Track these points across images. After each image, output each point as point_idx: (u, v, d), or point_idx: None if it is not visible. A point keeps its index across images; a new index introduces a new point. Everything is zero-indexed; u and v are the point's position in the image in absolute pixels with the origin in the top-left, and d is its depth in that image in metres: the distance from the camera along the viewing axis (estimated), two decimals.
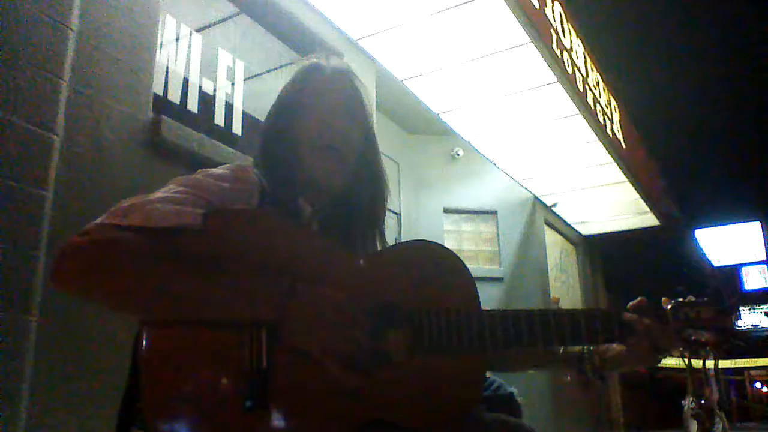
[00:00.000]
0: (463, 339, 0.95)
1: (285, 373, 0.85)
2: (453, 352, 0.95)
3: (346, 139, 1.07)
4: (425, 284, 0.98)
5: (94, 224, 0.86)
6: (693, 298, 1.01)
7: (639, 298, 1.03)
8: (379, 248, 1.13)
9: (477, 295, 1.00)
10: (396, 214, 5.85)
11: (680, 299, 1.02)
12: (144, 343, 0.82)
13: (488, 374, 1.17)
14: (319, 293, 0.88)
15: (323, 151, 1.05)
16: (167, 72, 2.69)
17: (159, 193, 0.91)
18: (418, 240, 1.05)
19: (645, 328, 0.98)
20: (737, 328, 1.01)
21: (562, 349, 1.12)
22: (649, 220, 7.91)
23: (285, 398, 0.84)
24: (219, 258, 0.88)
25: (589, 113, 5.27)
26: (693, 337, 0.99)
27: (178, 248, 0.86)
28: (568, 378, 1.09)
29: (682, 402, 4.84)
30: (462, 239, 6.53)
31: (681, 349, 1.02)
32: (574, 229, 7.99)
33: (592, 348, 1.09)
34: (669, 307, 1.02)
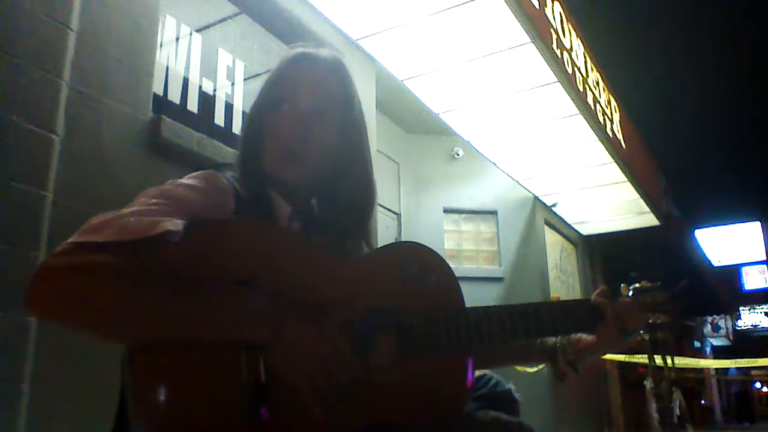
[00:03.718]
0: (450, 338, 0.96)
1: (282, 383, 0.84)
2: (440, 352, 0.96)
3: (309, 139, 1.02)
4: (410, 287, 0.98)
5: (68, 243, 0.80)
6: (648, 284, 1.08)
7: (600, 287, 1.09)
8: (365, 246, 1.11)
9: (461, 295, 1.02)
10: (396, 214, 5.85)
11: (637, 285, 1.09)
12: (131, 368, 0.79)
13: (485, 371, 1.18)
14: (308, 328, 0.86)
15: (279, 152, 1.02)
16: (167, 72, 2.69)
17: (131, 207, 0.85)
18: (401, 242, 1.06)
19: (613, 310, 1.04)
20: (689, 310, 1.08)
21: (538, 342, 1.16)
22: (649, 220, 7.92)
23: (285, 411, 0.84)
24: (201, 271, 0.84)
25: (589, 113, 5.27)
26: (650, 320, 1.07)
27: (159, 263, 0.81)
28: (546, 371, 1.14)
29: (644, 382, 5.00)
30: (462, 239, 6.53)
31: (641, 332, 1.09)
32: (574, 229, 7.99)
33: (564, 341, 1.14)
34: (629, 293, 1.09)
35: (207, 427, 0.80)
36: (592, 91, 5.49)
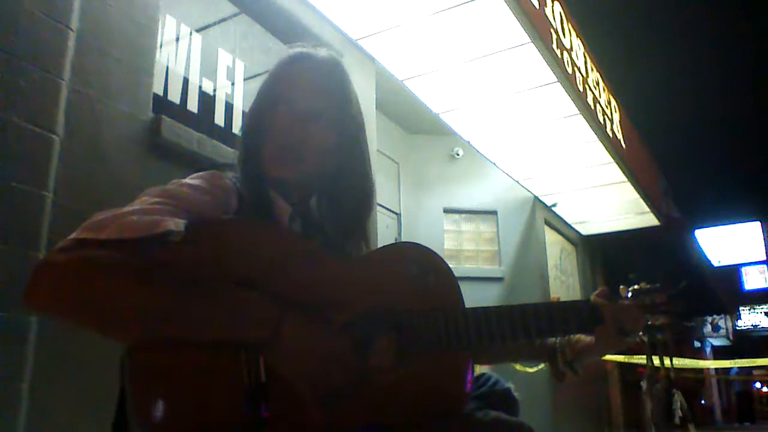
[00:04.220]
0: (450, 338, 0.96)
1: (282, 383, 0.84)
2: (440, 352, 0.97)
3: (306, 139, 1.03)
4: (410, 287, 0.99)
5: (69, 240, 0.80)
6: (647, 285, 1.08)
7: (600, 288, 1.08)
8: (365, 246, 1.12)
9: (461, 296, 1.03)
10: (396, 214, 5.85)
11: (636, 286, 1.08)
12: (128, 367, 0.79)
13: (484, 370, 1.19)
14: (307, 330, 0.87)
15: (277, 152, 1.03)
16: (167, 72, 2.69)
17: (134, 206, 0.85)
18: (401, 243, 1.07)
19: (611, 311, 1.03)
20: (688, 311, 1.08)
21: (538, 342, 1.17)
22: (649, 220, 7.92)
23: (285, 408, 0.84)
24: (201, 270, 0.85)
25: (589, 113, 5.27)
26: (650, 322, 1.06)
27: (158, 262, 0.81)
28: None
29: (641, 383, 4.99)
30: (462, 239, 6.53)
31: (641, 333, 1.08)
32: (574, 229, 7.99)
33: (563, 341, 1.14)
34: (629, 294, 1.08)
35: (205, 425, 0.80)
36: (592, 91, 5.49)
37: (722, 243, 21.78)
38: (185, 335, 0.81)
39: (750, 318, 21.90)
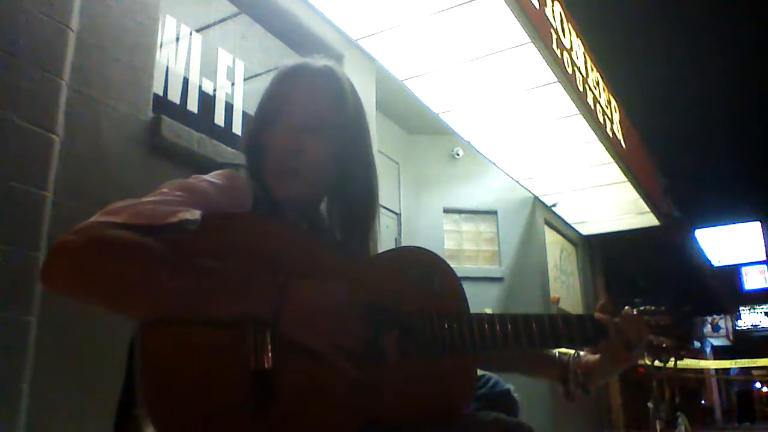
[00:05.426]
0: (454, 341, 0.97)
1: (289, 373, 0.84)
2: (442, 354, 0.97)
3: (303, 155, 1.04)
4: (414, 289, 1.00)
5: (86, 223, 0.83)
6: (652, 308, 1.08)
7: (601, 301, 1.09)
8: (370, 251, 1.13)
9: (465, 300, 1.04)
10: (396, 214, 5.85)
11: (641, 308, 1.09)
12: (140, 348, 0.80)
13: (485, 372, 1.19)
14: (315, 286, 0.88)
15: (276, 170, 1.04)
16: (167, 72, 2.69)
17: (151, 196, 0.89)
18: (406, 246, 1.08)
19: (615, 324, 1.04)
20: (692, 334, 1.09)
21: (553, 358, 1.17)
22: (649, 220, 7.92)
23: (290, 399, 0.84)
24: (212, 258, 0.86)
25: (589, 113, 5.27)
26: (654, 343, 1.07)
27: (171, 247, 0.83)
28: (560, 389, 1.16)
29: (648, 404, 5.04)
30: (462, 239, 6.53)
31: (646, 353, 1.08)
32: (574, 229, 7.99)
33: (575, 363, 1.14)
34: (633, 312, 1.08)
35: (211, 409, 0.80)
36: (592, 91, 5.49)
37: (722, 243, 21.77)
38: (193, 309, 0.82)
39: (750, 318, 21.91)
